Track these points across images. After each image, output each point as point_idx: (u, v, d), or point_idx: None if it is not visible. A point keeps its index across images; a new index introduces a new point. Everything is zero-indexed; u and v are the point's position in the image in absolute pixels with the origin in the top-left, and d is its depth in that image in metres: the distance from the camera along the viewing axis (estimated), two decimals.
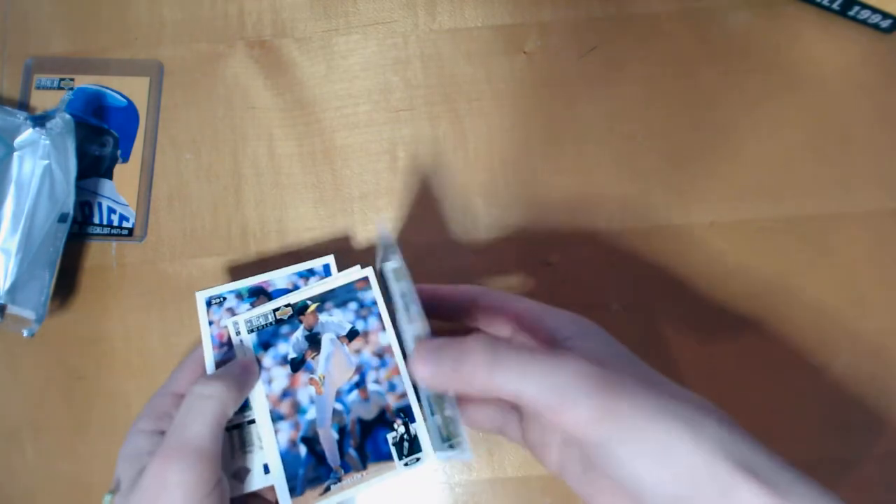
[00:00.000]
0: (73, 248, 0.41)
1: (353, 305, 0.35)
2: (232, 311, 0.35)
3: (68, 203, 0.39)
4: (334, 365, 0.34)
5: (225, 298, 0.36)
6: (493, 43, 0.43)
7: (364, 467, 0.32)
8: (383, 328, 0.35)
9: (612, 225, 0.41)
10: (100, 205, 0.42)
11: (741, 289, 0.40)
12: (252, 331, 0.34)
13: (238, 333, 0.34)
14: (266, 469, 0.33)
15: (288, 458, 0.32)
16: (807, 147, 0.42)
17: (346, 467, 0.32)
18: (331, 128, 0.43)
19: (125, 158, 0.42)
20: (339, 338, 0.35)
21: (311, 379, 0.34)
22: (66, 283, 0.41)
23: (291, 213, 0.42)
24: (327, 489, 0.32)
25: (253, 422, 0.34)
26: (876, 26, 0.42)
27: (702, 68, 0.43)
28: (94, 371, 0.40)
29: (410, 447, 0.33)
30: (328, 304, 0.35)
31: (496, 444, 0.39)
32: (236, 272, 0.41)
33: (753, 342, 0.40)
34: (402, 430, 0.33)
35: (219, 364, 0.34)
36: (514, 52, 0.43)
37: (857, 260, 0.40)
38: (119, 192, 0.42)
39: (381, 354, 0.34)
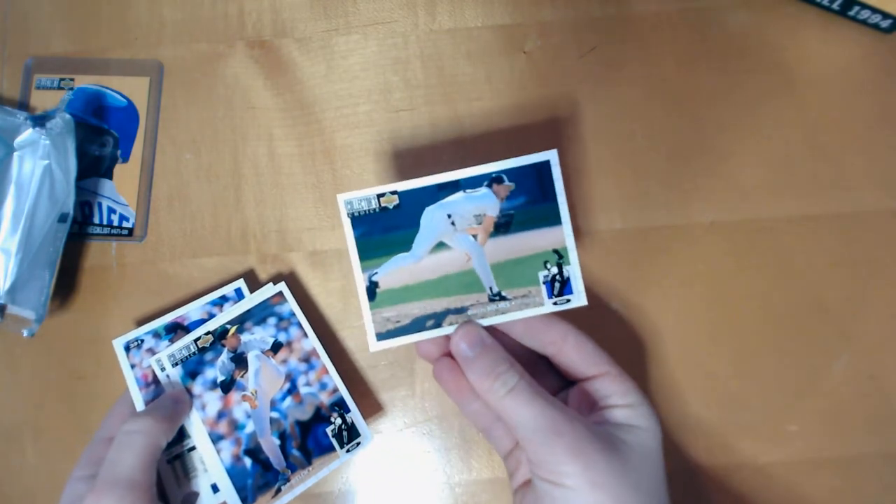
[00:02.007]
0: (73, 248, 0.41)
1: (272, 320, 0.37)
2: (152, 352, 0.37)
3: (68, 203, 0.39)
4: (264, 378, 0.36)
5: (143, 340, 0.37)
6: (493, 43, 0.43)
7: (309, 463, 0.35)
8: (305, 335, 0.37)
9: (612, 225, 0.41)
10: (100, 205, 0.42)
11: (741, 289, 0.40)
12: (176, 364, 0.36)
13: (163, 369, 0.36)
14: (215, 489, 0.35)
15: (234, 471, 0.34)
16: (807, 147, 0.42)
17: (293, 467, 0.35)
18: (331, 128, 0.43)
19: (125, 158, 0.42)
20: (264, 352, 0.37)
21: (244, 395, 0.36)
22: (66, 283, 0.41)
23: (291, 213, 0.42)
24: (278, 490, 0.34)
25: (192, 449, 0.35)
26: (876, 26, 0.42)
27: (702, 68, 0.43)
28: (94, 371, 0.40)
29: (349, 435, 0.36)
30: (248, 324, 0.37)
31: None
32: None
33: (753, 342, 0.40)
34: (339, 421, 0.36)
35: (147, 403, 0.36)
36: (514, 52, 0.43)
37: (857, 260, 0.40)
38: (119, 192, 0.42)
39: (308, 359, 0.37)
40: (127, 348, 0.37)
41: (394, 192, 0.32)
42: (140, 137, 0.43)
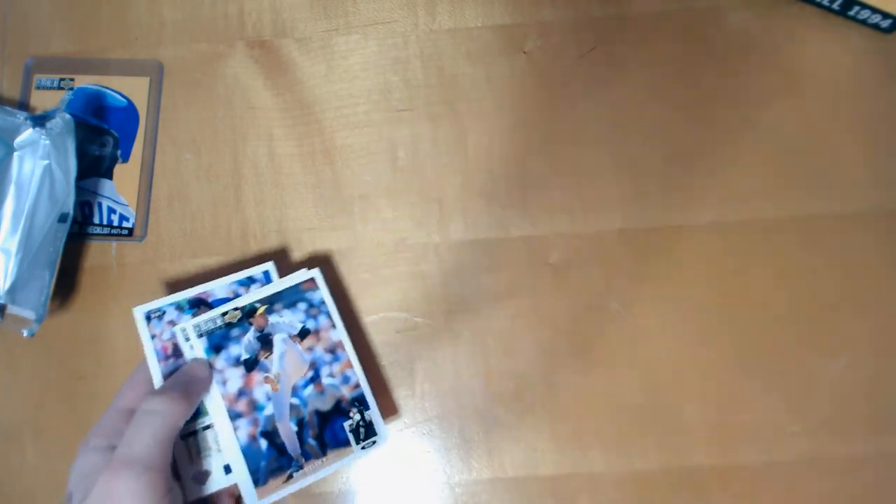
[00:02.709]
0: (73, 248, 0.41)
1: (302, 305, 0.37)
2: (173, 324, 0.36)
3: (68, 203, 0.39)
4: (288, 363, 0.36)
5: (164, 312, 0.36)
6: (493, 43, 0.43)
7: (324, 454, 0.35)
8: (333, 325, 0.37)
9: (612, 225, 0.41)
10: (100, 205, 0.42)
11: (741, 289, 0.40)
12: (202, 335, 0.35)
13: (187, 339, 0.35)
14: (227, 469, 0.34)
15: (249, 452, 0.34)
16: (807, 147, 0.42)
17: (307, 455, 0.34)
18: (331, 128, 0.43)
19: (125, 158, 0.42)
20: (291, 337, 0.36)
21: (267, 377, 0.35)
22: (66, 283, 0.41)
23: (291, 213, 0.42)
24: (290, 477, 0.34)
25: (208, 427, 0.35)
26: (876, 26, 0.42)
27: (702, 68, 0.43)
28: (94, 371, 0.40)
29: (366, 432, 0.36)
30: (277, 306, 0.36)
31: (496, 443, 0.39)
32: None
33: (753, 342, 0.40)
34: (357, 417, 0.36)
35: (166, 376, 0.35)
36: (514, 52, 0.43)
37: (856, 260, 0.40)
38: (119, 192, 0.42)
39: (333, 350, 0.36)
40: (148, 318, 0.36)
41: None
42: (140, 137, 0.43)
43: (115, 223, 0.42)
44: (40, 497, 0.39)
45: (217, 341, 0.35)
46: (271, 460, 0.34)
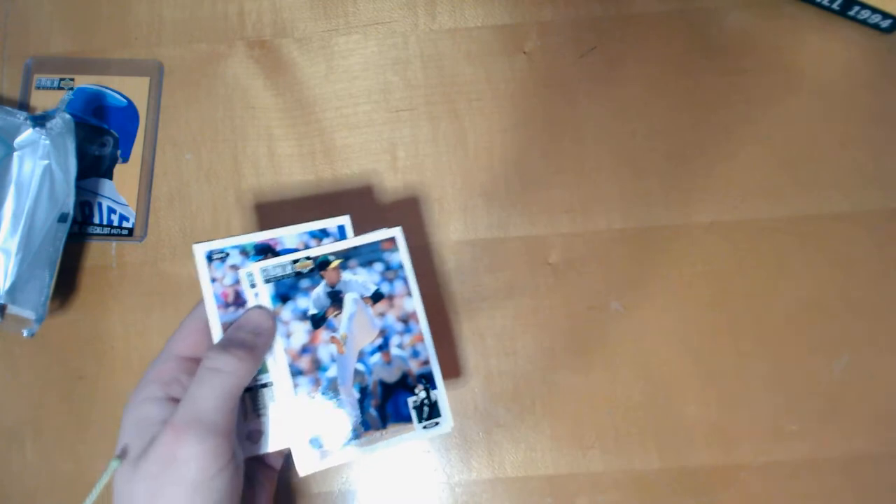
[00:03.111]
0: (73, 248, 0.41)
1: (378, 266, 0.34)
2: (236, 269, 0.33)
3: (68, 203, 0.39)
4: (357, 326, 0.33)
5: (228, 254, 0.33)
6: (493, 43, 0.43)
7: (384, 427, 0.32)
8: (409, 293, 0.34)
9: (612, 225, 0.41)
10: (100, 205, 0.42)
11: (741, 289, 0.40)
12: (269, 281, 0.32)
13: (253, 285, 0.32)
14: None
15: (308, 413, 0.31)
16: (807, 147, 0.42)
17: (367, 426, 0.32)
18: (331, 128, 0.43)
19: (125, 158, 0.42)
20: (362, 298, 0.33)
21: (333, 337, 0.33)
22: (66, 283, 0.41)
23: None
24: (346, 445, 0.32)
25: (265, 385, 0.33)
26: (876, 26, 0.42)
27: (702, 68, 0.43)
28: (94, 371, 0.40)
29: (430, 412, 0.33)
30: (352, 262, 0.33)
31: (496, 443, 0.39)
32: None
33: (753, 342, 0.40)
34: (423, 395, 0.33)
35: (224, 326, 0.32)
36: (514, 52, 0.43)
37: (856, 260, 0.40)
38: (119, 192, 0.42)
39: (406, 320, 0.34)
40: (209, 258, 0.33)
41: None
42: (140, 137, 0.43)
43: (115, 223, 0.42)
44: (40, 497, 0.39)
45: (284, 290, 0.32)
46: (328, 425, 0.32)
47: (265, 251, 0.34)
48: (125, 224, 0.42)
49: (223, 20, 0.44)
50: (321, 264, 0.33)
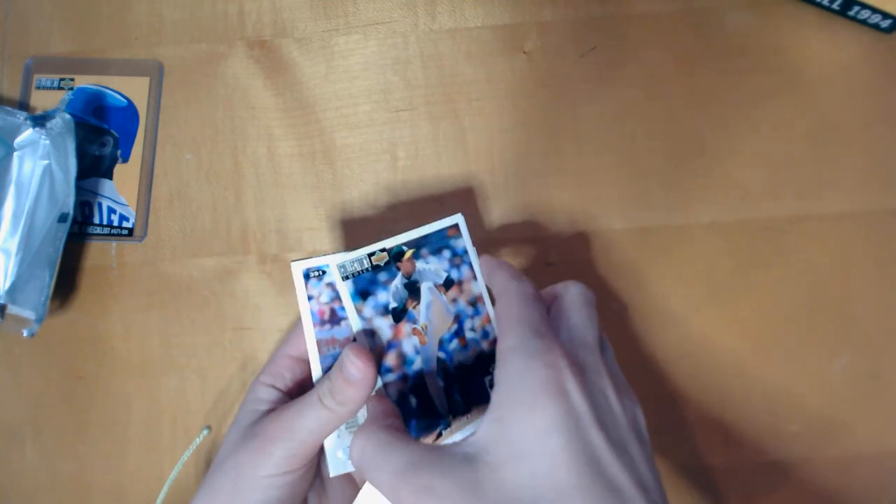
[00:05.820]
0: (73, 248, 0.41)
1: (446, 253, 0.34)
2: (332, 288, 0.33)
3: (68, 203, 0.39)
4: (435, 314, 0.33)
5: (324, 272, 0.33)
6: (493, 43, 0.43)
7: (468, 411, 0.33)
8: (475, 277, 0.34)
9: (612, 225, 0.41)
10: (100, 205, 0.42)
11: (741, 289, 0.40)
12: (347, 277, 0.32)
13: (330, 283, 0.33)
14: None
15: (399, 409, 0.31)
16: (807, 147, 0.42)
17: (455, 412, 0.32)
18: (331, 128, 0.43)
19: (125, 158, 0.42)
20: (436, 286, 0.34)
21: (415, 329, 0.33)
22: (66, 283, 0.41)
23: (291, 213, 0.42)
24: (439, 435, 0.32)
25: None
26: (876, 26, 0.42)
27: (701, 68, 0.43)
28: (94, 371, 0.40)
29: None
30: (424, 251, 0.34)
31: None
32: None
33: (753, 342, 0.40)
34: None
35: (320, 344, 0.32)
36: (514, 52, 0.43)
37: (856, 260, 0.40)
38: (119, 192, 0.42)
39: (475, 303, 0.34)
40: (307, 276, 0.33)
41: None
42: (140, 137, 0.43)
43: (115, 223, 0.42)
44: (40, 497, 0.39)
45: (364, 286, 0.32)
46: (421, 418, 0.32)
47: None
48: (125, 224, 0.42)
49: (223, 20, 0.44)
50: (396, 255, 0.33)
